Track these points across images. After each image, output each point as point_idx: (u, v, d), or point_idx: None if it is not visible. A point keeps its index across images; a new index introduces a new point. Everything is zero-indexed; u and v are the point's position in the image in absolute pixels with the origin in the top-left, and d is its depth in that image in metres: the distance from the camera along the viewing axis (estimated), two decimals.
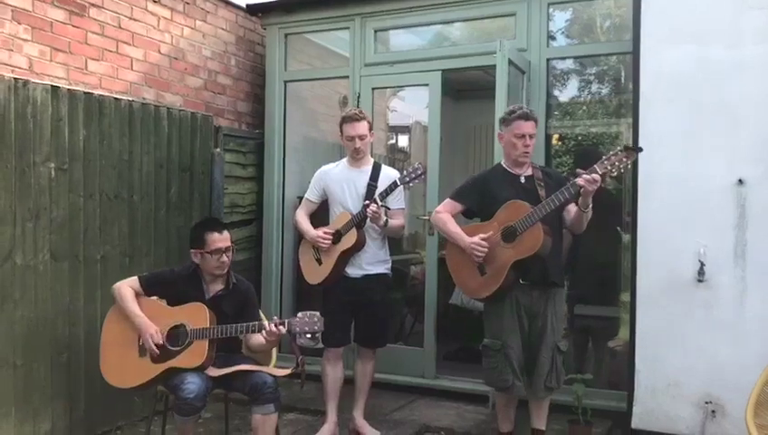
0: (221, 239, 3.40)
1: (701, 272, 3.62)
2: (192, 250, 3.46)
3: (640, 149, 3.20)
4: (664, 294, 3.72)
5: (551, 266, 3.48)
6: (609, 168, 3.19)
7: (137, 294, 3.42)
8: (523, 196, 3.47)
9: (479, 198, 3.65)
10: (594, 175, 3.20)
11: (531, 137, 3.53)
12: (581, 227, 3.47)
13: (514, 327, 3.51)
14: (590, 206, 3.33)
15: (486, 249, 3.46)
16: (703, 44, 3.67)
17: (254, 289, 3.69)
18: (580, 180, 3.23)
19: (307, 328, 3.18)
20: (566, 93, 5.31)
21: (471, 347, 3.88)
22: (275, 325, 3.20)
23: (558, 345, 3.53)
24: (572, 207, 3.46)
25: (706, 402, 3.62)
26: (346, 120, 3.93)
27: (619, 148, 3.25)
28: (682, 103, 3.71)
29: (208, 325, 3.25)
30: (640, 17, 3.81)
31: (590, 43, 5.03)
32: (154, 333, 3.27)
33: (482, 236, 3.48)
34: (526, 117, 3.53)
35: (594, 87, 5.37)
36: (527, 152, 3.55)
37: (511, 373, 3.49)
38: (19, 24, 3.77)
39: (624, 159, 3.18)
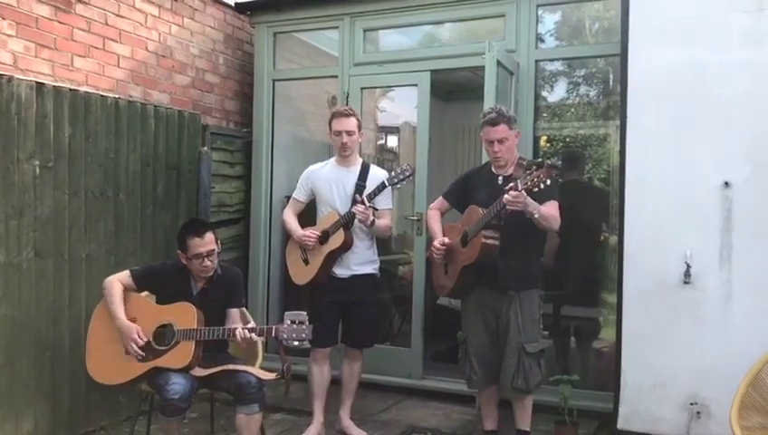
0: (202, 244, 3.35)
1: (687, 274, 3.63)
2: (178, 251, 3.45)
3: (558, 167, 3.21)
4: (650, 295, 3.73)
5: (503, 272, 3.51)
6: (528, 183, 3.21)
7: (127, 289, 3.39)
8: (496, 197, 3.43)
9: (460, 197, 3.79)
10: (513, 193, 3.23)
11: (500, 141, 3.55)
12: (546, 227, 3.51)
13: (477, 324, 3.66)
14: (536, 210, 3.32)
15: (442, 253, 3.67)
16: (690, 47, 3.68)
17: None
18: (504, 198, 3.26)
19: (295, 335, 3.20)
20: (554, 95, 5.32)
21: (458, 348, 3.89)
22: (251, 331, 3.24)
23: (524, 347, 3.53)
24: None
25: (692, 403, 3.63)
26: (335, 115, 3.94)
27: (537, 162, 3.27)
28: (670, 105, 3.73)
29: (195, 326, 3.24)
30: (629, 20, 3.82)
31: (578, 45, 5.04)
32: (136, 336, 3.25)
33: (441, 240, 3.67)
34: (493, 123, 3.55)
35: (582, 89, 5.38)
36: (497, 157, 3.60)
37: (468, 367, 3.68)
38: (3, 19, 3.73)
39: (542, 176, 3.18)
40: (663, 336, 3.70)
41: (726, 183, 3.59)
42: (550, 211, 3.45)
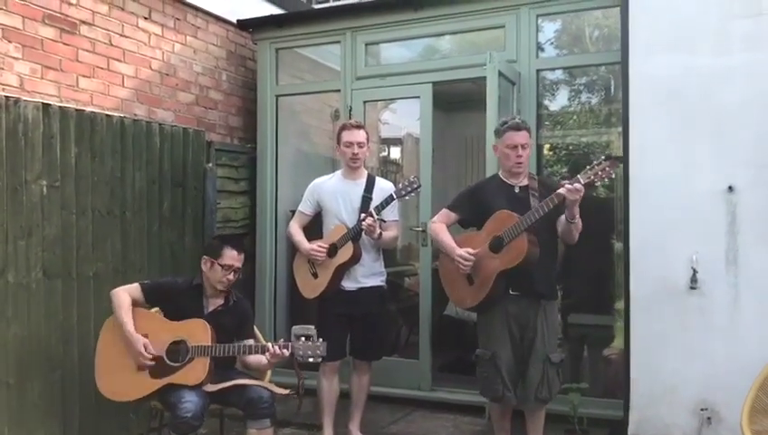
0: (236, 259, 3.43)
1: (694, 279, 3.63)
2: (204, 256, 3.46)
3: (622, 159, 3.20)
4: (658, 301, 3.73)
5: (537, 277, 3.46)
6: (592, 177, 3.18)
7: (136, 303, 3.38)
8: (516, 206, 3.46)
9: (473, 209, 3.66)
10: (576, 185, 3.19)
11: (523, 147, 3.53)
12: (572, 238, 3.45)
13: (504, 337, 3.50)
14: (577, 217, 3.31)
15: (471, 262, 3.48)
16: (691, 53, 3.70)
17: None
18: (562, 190, 3.23)
19: (310, 352, 3.21)
20: (556, 104, 5.34)
21: (467, 358, 3.87)
22: (279, 347, 3.22)
23: (549, 357, 3.49)
24: (562, 219, 3.43)
25: (702, 409, 3.62)
26: (346, 127, 3.97)
27: (603, 157, 3.26)
28: (672, 111, 3.74)
29: (210, 342, 3.24)
30: (628, 27, 3.85)
31: (579, 54, 5.07)
32: (142, 348, 3.23)
33: (469, 250, 3.49)
34: (517, 127, 3.53)
35: (584, 97, 5.41)
36: (520, 163, 3.54)
37: (501, 383, 3.49)
38: (9, 42, 3.78)
39: (607, 169, 3.17)
40: (671, 342, 3.70)
41: (731, 187, 3.59)
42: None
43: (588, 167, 3.24)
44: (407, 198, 3.89)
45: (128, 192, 4.23)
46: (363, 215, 3.80)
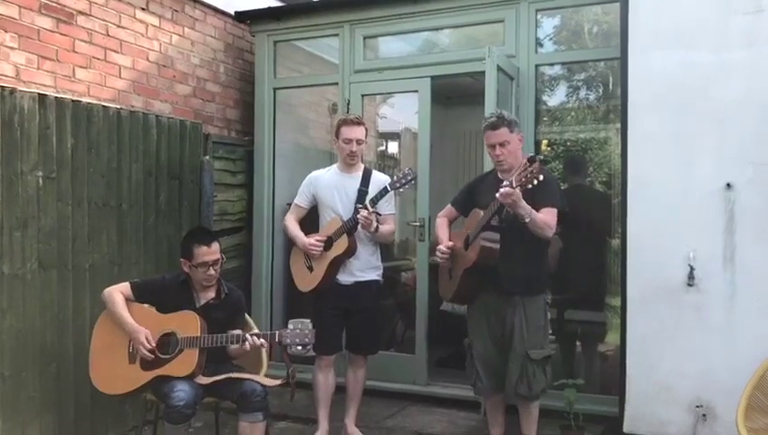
0: (208, 253, 3.38)
1: (691, 276, 3.62)
2: (181, 259, 3.45)
3: (536, 158, 3.20)
4: (654, 298, 3.72)
5: (504, 274, 3.47)
6: (523, 180, 3.19)
7: (127, 301, 3.40)
8: None
9: (467, 203, 3.76)
10: (507, 189, 3.20)
11: (501, 145, 3.54)
12: (541, 234, 3.42)
13: (481, 329, 3.64)
14: (527, 217, 3.29)
15: (447, 256, 3.66)
16: (690, 49, 3.69)
17: (245, 297, 3.68)
18: (498, 195, 3.25)
19: (298, 340, 3.20)
20: (555, 99, 5.34)
21: (462, 353, 3.89)
22: (258, 337, 3.25)
23: (528, 353, 3.50)
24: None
25: (697, 406, 3.62)
26: (345, 122, 3.94)
27: (524, 159, 3.26)
28: (670, 108, 3.73)
29: (199, 334, 3.24)
30: (628, 23, 3.83)
31: (578, 49, 5.05)
32: (144, 340, 3.25)
33: (447, 243, 3.68)
34: (493, 126, 3.55)
35: (582, 93, 5.40)
36: (500, 161, 3.57)
37: (474, 373, 3.66)
38: (6, 32, 3.75)
39: (530, 168, 3.16)
40: (668, 339, 3.69)
41: (728, 184, 3.58)
42: (545, 218, 3.39)
43: (515, 171, 3.26)
44: (401, 190, 3.88)
45: (124, 184, 4.22)
46: (359, 206, 3.79)
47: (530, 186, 3.20)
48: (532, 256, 3.57)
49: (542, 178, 3.18)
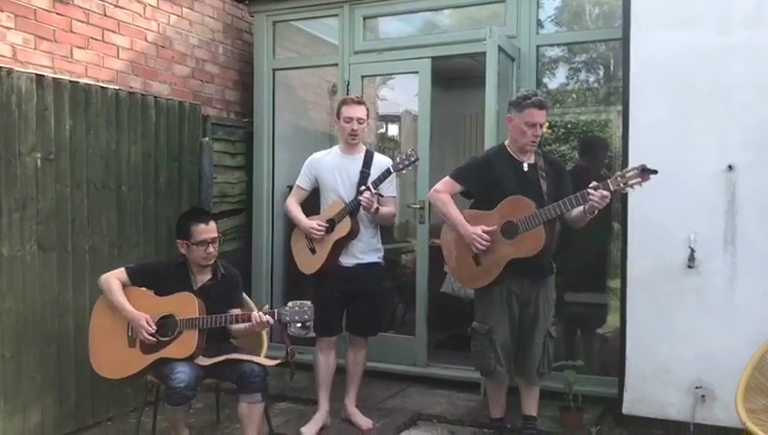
0: (207, 230, 3.38)
1: (691, 258, 3.63)
2: (178, 241, 3.44)
3: (655, 172, 3.15)
4: (654, 280, 3.73)
5: (545, 262, 3.53)
6: (621, 185, 3.17)
7: (124, 286, 3.40)
8: (526, 185, 3.45)
9: (480, 182, 3.59)
10: (603, 192, 3.19)
11: (541, 126, 3.50)
12: (581, 225, 3.46)
13: (503, 314, 3.53)
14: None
15: (488, 243, 3.44)
16: (692, 30, 3.66)
17: (243, 278, 3.69)
18: (592, 197, 3.21)
19: (297, 317, 3.19)
20: (556, 81, 5.29)
21: (462, 335, 3.89)
22: (264, 314, 3.21)
23: (549, 331, 3.57)
24: (580, 208, 3.38)
25: (697, 387, 3.64)
26: (346, 102, 3.93)
27: (635, 167, 3.18)
28: (672, 89, 3.71)
29: (198, 315, 3.25)
30: (630, 4, 3.80)
31: (579, 30, 5.01)
32: (146, 324, 3.25)
33: (484, 228, 3.44)
34: (540, 105, 3.44)
35: (584, 74, 5.36)
36: (535, 141, 3.51)
37: (494, 358, 3.53)
38: (2, 11, 3.71)
39: (638, 179, 3.14)
40: (667, 321, 3.71)
41: (730, 166, 3.58)
42: None
43: (618, 173, 3.23)
44: (404, 171, 3.86)
45: (123, 166, 4.20)
46: (362, 188, 3.77)
47: (625, 191, 3.22)
48: (554, 240, 3.60)
49: (642, 186, 3.17)
